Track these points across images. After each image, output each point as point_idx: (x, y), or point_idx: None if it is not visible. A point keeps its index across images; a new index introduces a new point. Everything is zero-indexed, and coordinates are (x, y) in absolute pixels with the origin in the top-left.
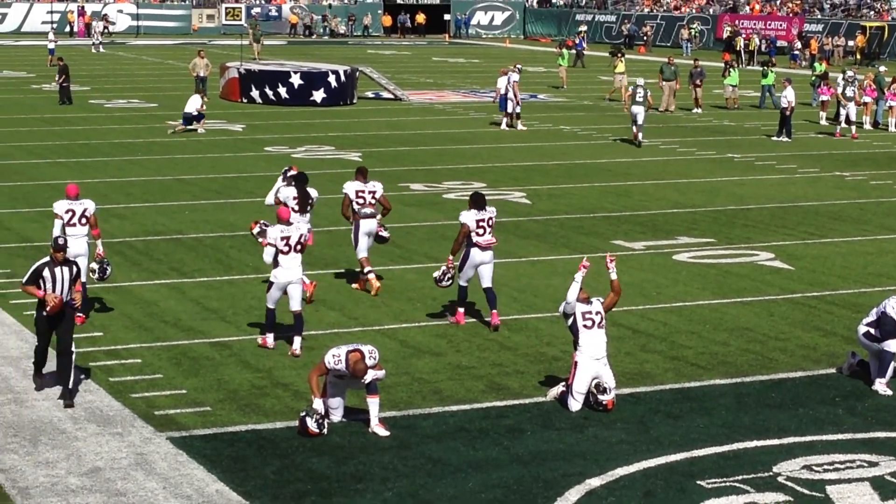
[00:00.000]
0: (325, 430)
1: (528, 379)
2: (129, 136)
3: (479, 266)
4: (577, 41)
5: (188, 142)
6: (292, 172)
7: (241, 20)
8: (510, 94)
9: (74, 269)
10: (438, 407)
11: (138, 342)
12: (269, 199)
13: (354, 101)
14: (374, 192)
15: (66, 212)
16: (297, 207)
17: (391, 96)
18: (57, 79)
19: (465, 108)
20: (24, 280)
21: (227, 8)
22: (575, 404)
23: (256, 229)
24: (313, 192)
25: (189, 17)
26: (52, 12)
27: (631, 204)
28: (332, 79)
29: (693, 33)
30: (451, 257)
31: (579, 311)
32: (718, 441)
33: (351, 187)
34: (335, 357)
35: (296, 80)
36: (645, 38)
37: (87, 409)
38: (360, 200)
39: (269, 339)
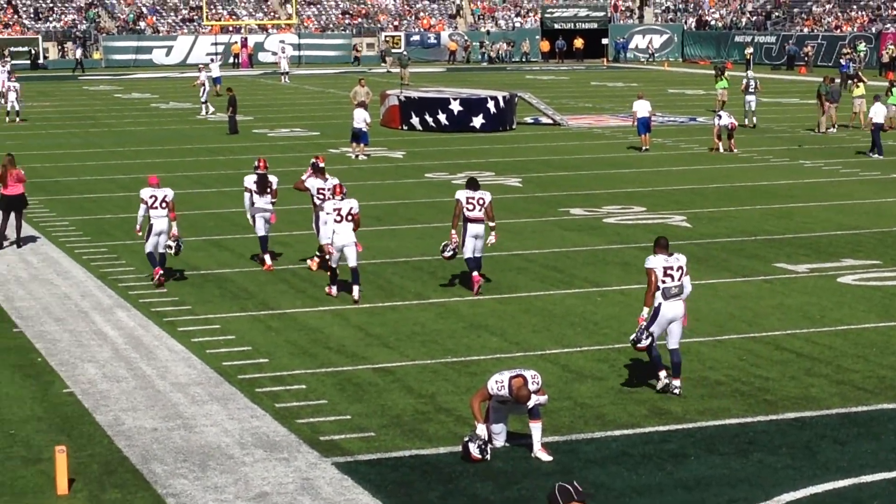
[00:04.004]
0: (488, 456)
1: (690, 403)
2: (294, 164)
3: (475, 238)
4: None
5: (349, 169)
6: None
7: (400, 48)
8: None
9: None
10: (601, 432)
11: (303, 368)
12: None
13: (514, 126)
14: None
15: (150, 197)
16: (328, 195)
17: (550, 121)
18: (227, 110)
19: (625, 132)
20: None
21: (386, 37)
22: (646, 342)
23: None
24: (273, 179)
25: (349, 46)
26: (216, 44)
27: (793, 226)
28: (491, 105)
29: (856, 52)
30: (453, 231)
31: (660, 267)
32: (887, 467)
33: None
34: (498, 383)
35: (455, 106)
36: (806, 58)
37: (255, 434)
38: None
39: (334, 289)
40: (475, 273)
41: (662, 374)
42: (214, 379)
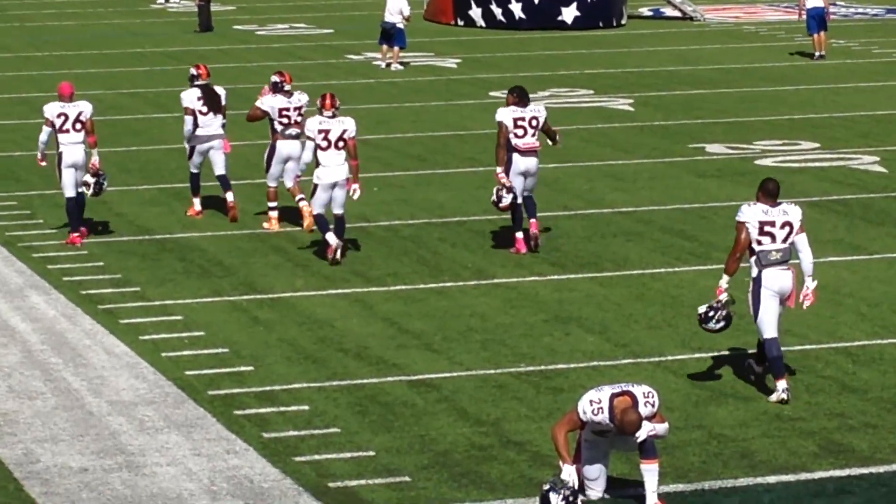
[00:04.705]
0: None
1: (882, 436)
2: (296, 78)
3: (525, 176)
4: None
5: (377, 84)
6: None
7: None
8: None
9: None
10: (748, 478)
11: (305, 380)
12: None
13: (623, 21)
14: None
15: (59, 115)
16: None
17: (678, 13)
18: None
19: (790, 30)
20: None
21: None
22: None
23: None
24: (220, 91)
25: None
26: None
27: None
28: None
29: None
30: (499, 170)
31: (755, 221)
32: None
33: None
34: (594, 404)
35: None
36: None
37: (231, 478)
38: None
39: (331, 238)
40: (532, 220)
41: (782, 385)
42: (174, 396)
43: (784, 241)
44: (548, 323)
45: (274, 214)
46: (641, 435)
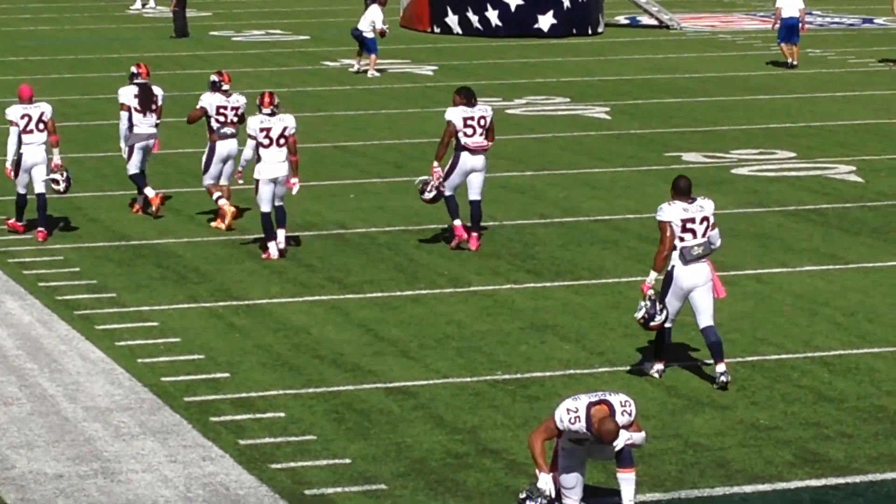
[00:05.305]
0: None
1: (857, 446)
2: (271, 83)
3: (470, 174)
4: None
5: (353, 91)
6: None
7: None
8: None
9: None
10: (724, 486)
11: (281, 387)
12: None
13: (600, 29)
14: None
15: (22, 117)
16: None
17: (655, 22)
18: (171, 3)
19: (765, 39)
20: None
21: None
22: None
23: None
24: (158, 91)
25: None
26: None
27: None
28: None
29: None
30: (435, 164)
31: (678, 219)
32: None
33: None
34: (571, 412)
35: None
36: None
37: (207, 485)
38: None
39: (272, 249)
40: (459, 224)
41: (659, 366)
42: (149, 402)
43: (703, 234)
44: (524, 331)
45: (223, 203)
46: (619, 444)
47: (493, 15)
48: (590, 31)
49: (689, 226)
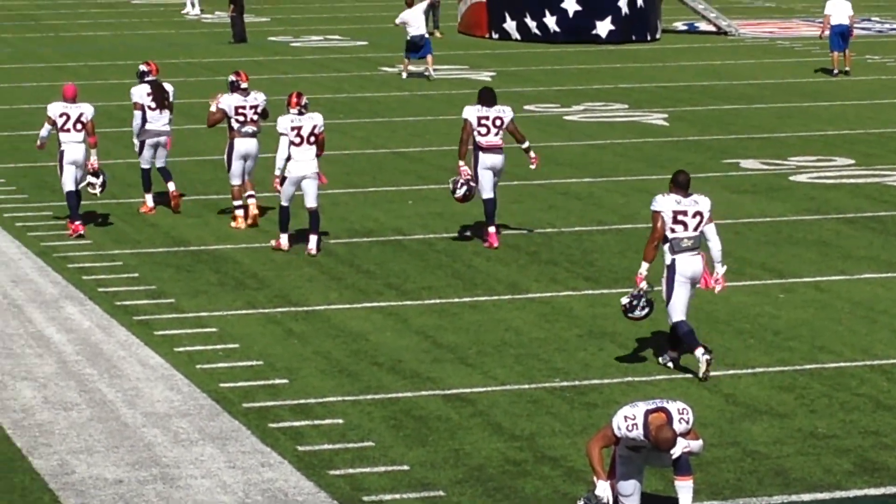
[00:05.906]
0: None
1: None
2: (330, 89)
3: (490, 171)
4: None
5: (411, 97)
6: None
7: None
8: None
9: None
10: (782, 496)
11: (339, 394)
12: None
13: (658, 35)
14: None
15: (61, 115)
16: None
17: (713, 28)
18: (229, 8)
19: (824, 45)
20: None
21: None
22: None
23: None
24: (169, 88)
25: None
26: None
27: None
28: (623, 3)
29: None
30: (461, 163)
31: (669, 210)
32: None
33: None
34: (629, 420)
35: (571, 5)
36: None
37: (266, 491)
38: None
39: (284, 240)
40: (491, 228)
41: (673, 354)
42: (208, 408)
43: (695, 229)
44: (582, 338)
45: (240, 213)
46: (676, 451)
47: (551, 21)
48: (648, 38)
49: (680, 218)
